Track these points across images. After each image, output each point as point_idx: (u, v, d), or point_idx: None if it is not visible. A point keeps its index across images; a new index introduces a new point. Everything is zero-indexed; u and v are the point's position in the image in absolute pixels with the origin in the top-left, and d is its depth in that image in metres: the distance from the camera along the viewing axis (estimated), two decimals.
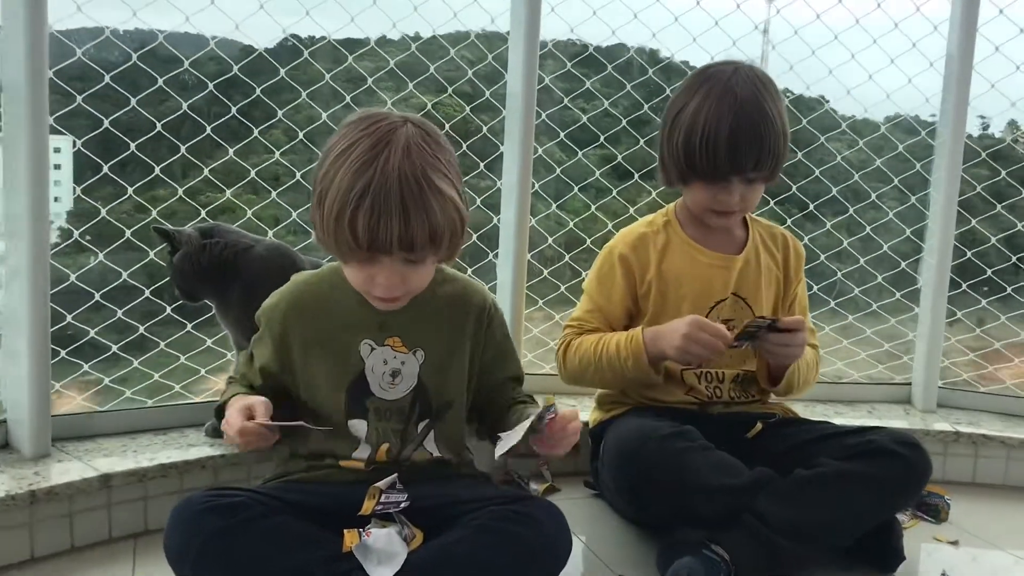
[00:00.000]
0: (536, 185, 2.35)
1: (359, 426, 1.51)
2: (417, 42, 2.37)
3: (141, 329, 2.06)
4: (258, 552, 1.30)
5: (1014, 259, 2.74)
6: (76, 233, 1.98)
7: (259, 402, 1.39)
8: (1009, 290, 2.73)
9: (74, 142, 1.96)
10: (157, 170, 2.01)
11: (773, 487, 1.62)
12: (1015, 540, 1.94)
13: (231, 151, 2.11)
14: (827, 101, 2.84)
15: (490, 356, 1.61)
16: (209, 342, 2.10)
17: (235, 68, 2.08)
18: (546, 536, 1.38)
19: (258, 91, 2.11)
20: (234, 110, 2.07)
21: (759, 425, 1.84)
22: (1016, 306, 2.77)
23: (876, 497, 1.64)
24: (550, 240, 2.53)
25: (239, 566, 1.29)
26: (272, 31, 2.13)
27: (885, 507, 1.68)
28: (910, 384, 2.55)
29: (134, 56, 1.96)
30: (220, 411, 1.50)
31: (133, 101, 1.96)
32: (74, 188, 2.00)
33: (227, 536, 1.30)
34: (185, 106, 2.03)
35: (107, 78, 1.92)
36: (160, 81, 1.99)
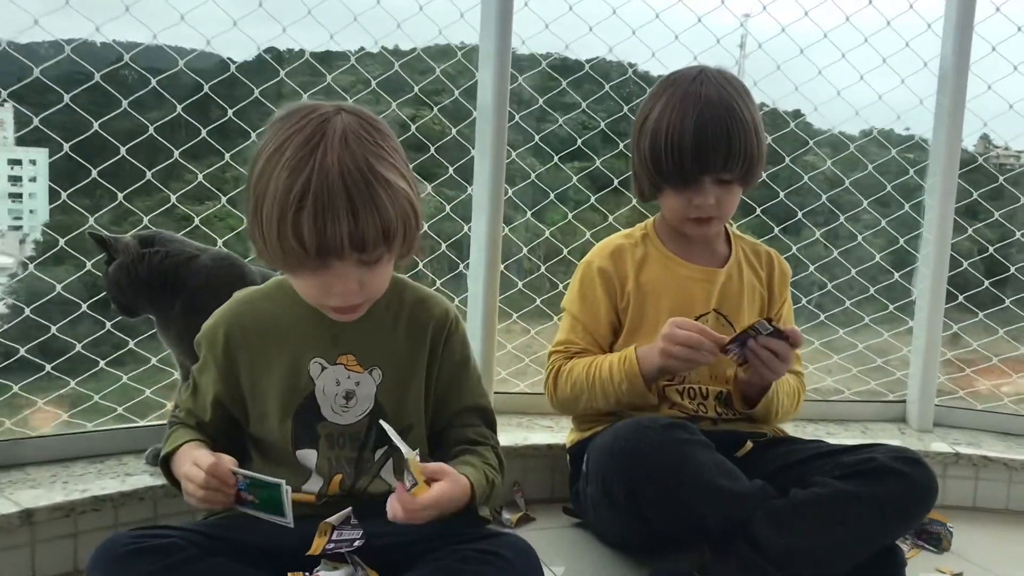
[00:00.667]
0: (510, 191, 2.25)
1: (308, 456, 1.36)
2: (398, 56, 2.30)
3: (78, 347, 1.90)
4: None
5: (1014, 270, 2.64)
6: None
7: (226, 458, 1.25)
8: (1008, 302, 2.63)
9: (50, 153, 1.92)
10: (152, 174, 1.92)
11: (768, 511, 1.49)
12: (1021, 570, 1.81)
13: (200, 174, 2.03)
14: (803, 114, 2.75)
15: (446, 379, 1.45)
16: (154, 360, 1.94)
17: (206, 87, 2.00)
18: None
19: (230, 113, 2.01)
20: (204, 131, 2.00)
21: (749, 444, 1.70)
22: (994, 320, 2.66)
23: (877, 520, 1.49)
24: (525, 250, 2.40)
25: None
26: (249, 46, 2.07)
27: (887, 531, 1.53)
28: (904, 402, 2.44)
29: (96, 75, 1.86)
30: (165, 460, 1.35)
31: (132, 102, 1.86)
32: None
33: None
34: (152, 128, 1.94)
35: (67, 98, 1.83)
36: (124, 103, 1.89)
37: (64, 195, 1.86)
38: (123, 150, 1.90)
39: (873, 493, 1.49)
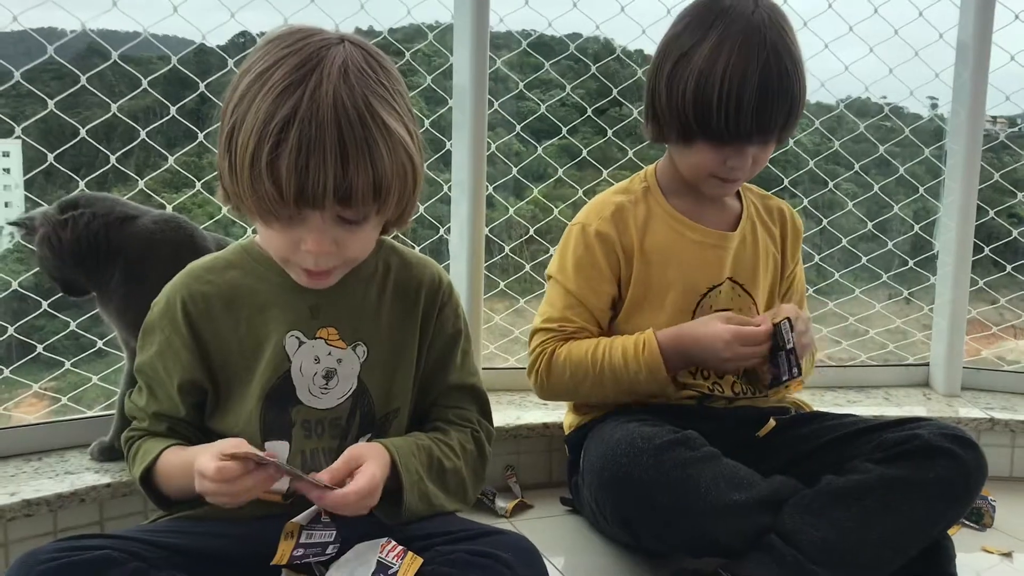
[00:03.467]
0: (490, 187, 2.08)
1: (279, 448, 1.16)
2: (372, 37, 2.07)
3: (10, 330, 1.68)
4: None
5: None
6: None
7: (232, 443, 1.04)
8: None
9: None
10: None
11: (799, 500, 1.31)
12: None
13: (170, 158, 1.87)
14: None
15: (436, 354, 1.25)
16: (100, 343, 1.73)
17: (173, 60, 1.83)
18: None
19: (202, 85, 1.85)
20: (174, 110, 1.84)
21: (772, 422, 1.51)
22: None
23: (927, 508, 1.30)
24: (511, 211, 2.21)
25: None
26: (225, 28, 1.90)
27: (938, 521, 1.33)
28: (927, 365, 2.26)
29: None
30: (147, 480, 1.15)
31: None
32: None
33: None
34: (115, 108, 1.78)
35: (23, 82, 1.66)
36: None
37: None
38: (111, 147, 1.78)
39: (923, 478, 1.30)
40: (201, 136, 1.85)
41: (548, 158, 2.35)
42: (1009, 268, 2.46)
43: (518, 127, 2.25)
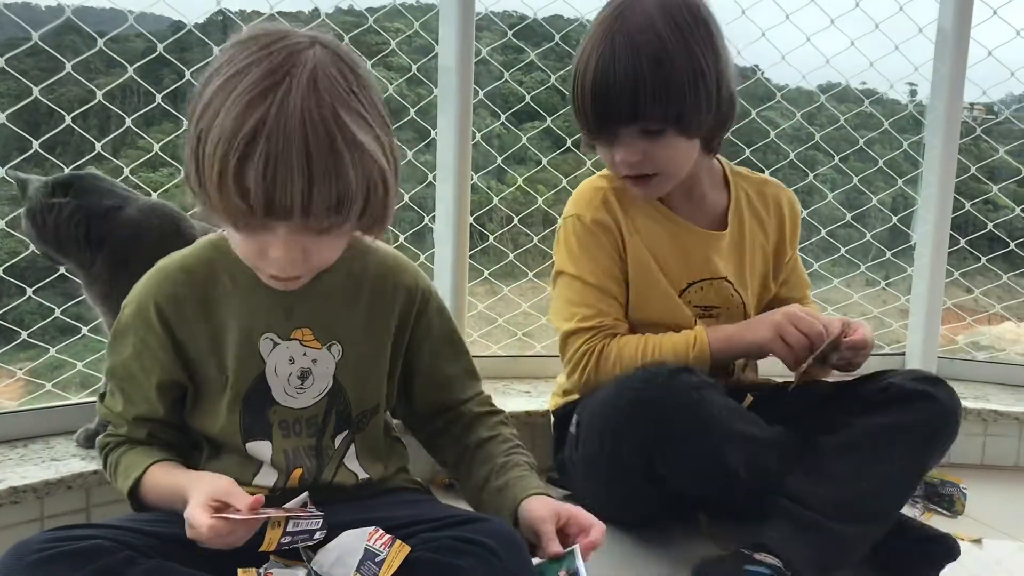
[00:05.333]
0: (477, 135, 2.07)
1: (261, 449, 1.18)
2: (354, 17, 2.13)
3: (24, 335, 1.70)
4: None
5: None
6: None
7: (224, 487, 1.05)
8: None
9: None
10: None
11: (801, 464, 1.37)
12: None
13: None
14: (760, 70, 2.59)
15: (430, 357, 1.28)
16: (85, 330, 1.73)
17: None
18: (502, 571, 1.04)
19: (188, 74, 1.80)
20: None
21: (750, 397, 1.54)
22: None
23: (912, 449, 1.38)
24: (496, 200, 2.23)
25: None
26: (205, 4, 1.87)
27: (925, 459, 1.41)
28: (903, 354, 2.29)
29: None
30: (133, 495, 1.16)
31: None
32: None
33: None
34: (100, 95, 1.76)
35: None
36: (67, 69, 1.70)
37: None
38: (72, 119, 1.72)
39: (904, 422, 1.37)
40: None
41: (529, 145, 2.34)
42: (983, 260, 2.50)
43: (502, 117, 2.27)
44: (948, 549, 1.42)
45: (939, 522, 1.66)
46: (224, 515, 0.99)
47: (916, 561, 1.41)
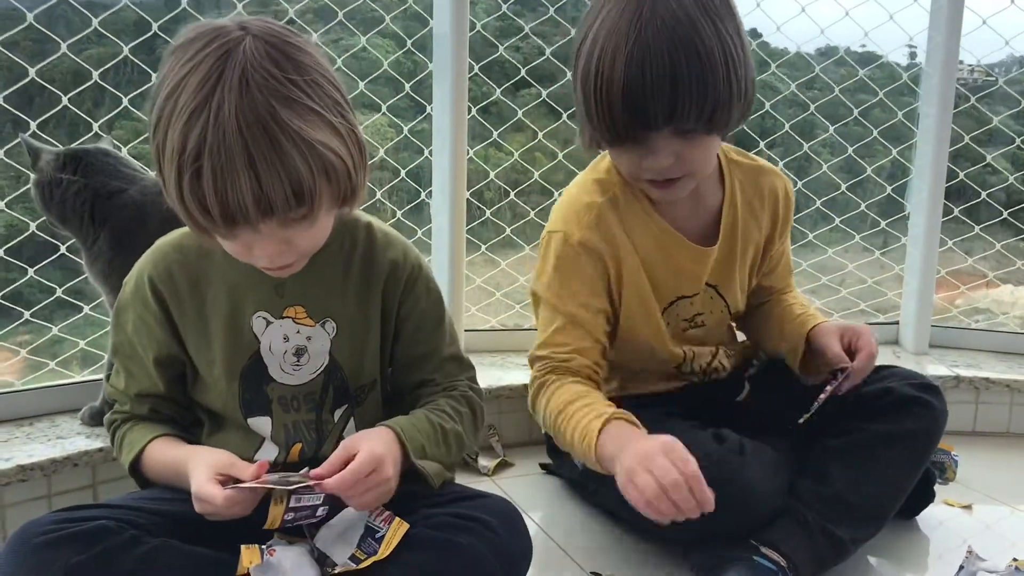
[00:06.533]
0: (473, 109, 2.07)
1: (262, 424, 1.20)
2: None
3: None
4: None
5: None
6: None
7: (225, 461, 1.08)
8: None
9: None
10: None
11: (805, 468, 1.40)
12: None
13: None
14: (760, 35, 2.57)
15: (412, 332, 1.27)
16: (86, 309, 1.75)
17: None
18: (502, 548, 1.08)
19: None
20: None
21: (747, 387, 1.57)
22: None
23: (911, 455, 1.43)
24: (492, 175, 2.25)
25: None
26: None
27: (920, 461, 1.46)
28: (897, 324, 2.32)
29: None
30: (135, 469, 1.20)
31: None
32: None
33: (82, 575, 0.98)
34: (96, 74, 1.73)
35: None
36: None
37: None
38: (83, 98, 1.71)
39: (902, 429, 1.41)
40: None
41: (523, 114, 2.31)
42: (977, 229, 2.51)
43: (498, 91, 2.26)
44: (925, 494, 1.52)
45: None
46: (236, 486, 1.02)
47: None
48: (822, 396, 1.38)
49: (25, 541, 1.00)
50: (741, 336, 1.67)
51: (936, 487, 1.65)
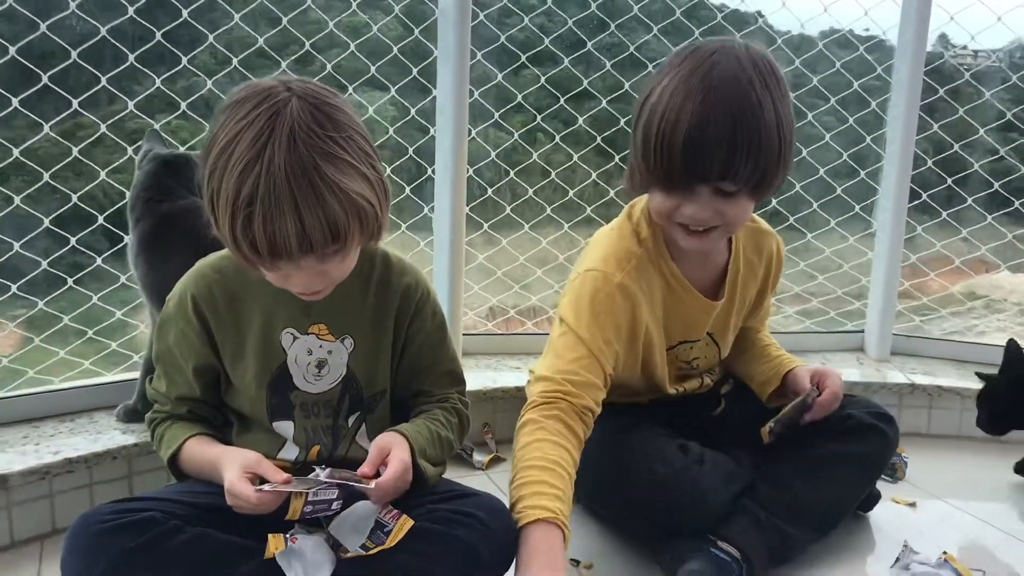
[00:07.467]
0: (475, 93, 2.19)
1: (285, 428, 1.38)
2: None
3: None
4: (170, 574, 1.17)
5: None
6: None
7: (254, 460, 1.24)
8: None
9: None
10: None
11: (767, 473, 1.58)
12: (970, 492, 1.92)
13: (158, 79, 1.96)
14: (762, 16, 2.73)
15: (417, 351, 1.44)
16: (118, 314, 1.92)
17: None
18: (492, 540, 1.26)
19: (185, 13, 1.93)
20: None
21: (723, 403, 1.75)
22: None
23: (863, 472, 1.65)
24: (493, 155, 2.41)
25: None
26: None
27: (871, 480, 1.70)
28: (863, 332, 2.49)
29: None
30: (173, 463, 1.36)
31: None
32: None
33: (134, 559, 1.16)
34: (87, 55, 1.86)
35: None
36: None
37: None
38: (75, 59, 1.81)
39: (859, 451, 1.61)
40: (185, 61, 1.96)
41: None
42: (944, 215, 2.66)
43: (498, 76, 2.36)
44: (869, 498, 1.73)
45: (880, 487, 1.84)
46: (267, 488, 1.19)
47: None
48: (788, 407, 1.58)
49: (87, 528, 1.18)
50: None
51: (886, 485, 1.84)
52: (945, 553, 1.55)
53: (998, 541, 1.71)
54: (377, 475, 1.24)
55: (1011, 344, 1.91)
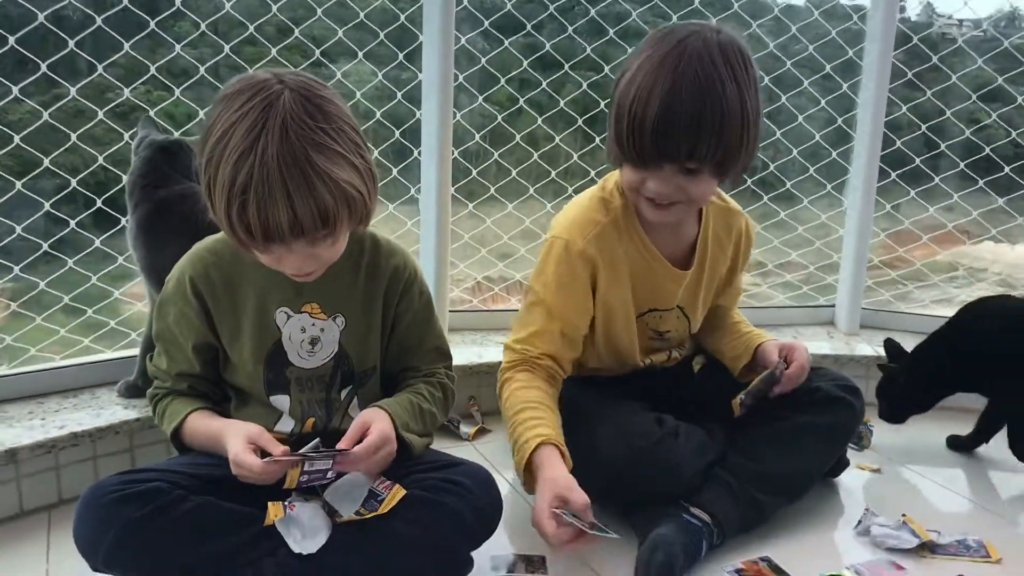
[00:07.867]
0: (460, 77, 2.25)
1: (282, 402, 1.45)
2: None
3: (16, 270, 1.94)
4: (176, 541, 1.25)
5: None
6: None
7: (256, 432, 1.31)
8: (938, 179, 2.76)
9: None
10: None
11: (738, 444, 1.66)
12: (930, 459, 2.03)
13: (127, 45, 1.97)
14: None
15: (405, 329, 1.52)
16: (117, 294, 1.99)
17: None
18: (477, 507, 1.36)
19: None
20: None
21: (695, 377, 1.84)
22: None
23: (830, 443, 1.73)
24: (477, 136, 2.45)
25: (156, 557, 1.24)
26: None
27: (837, 450, 1.78)
28: (834, 306, 2.57)
29: None
30: (175, 436, 1.42)
31: None
32: None
33: (142, 527, 1.24)
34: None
35: None
36: None
37: None
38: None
39: (826, 422, 1.70)
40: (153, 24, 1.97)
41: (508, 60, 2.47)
42: (936, 180, 2.72)
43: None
44: (837, 464, 1.82)
45: (849, 455, 1.95)
46: (271, 459, 1.27)
47: None
48: (757, 380, 1.65)
49: (96, 499, 1.25)
50: None
51: (853, 453, 1.94)
52: (904, 515, 1.65)
53: (954, 504, 1.82)
54: None
55: (889, 342, 2.05)
